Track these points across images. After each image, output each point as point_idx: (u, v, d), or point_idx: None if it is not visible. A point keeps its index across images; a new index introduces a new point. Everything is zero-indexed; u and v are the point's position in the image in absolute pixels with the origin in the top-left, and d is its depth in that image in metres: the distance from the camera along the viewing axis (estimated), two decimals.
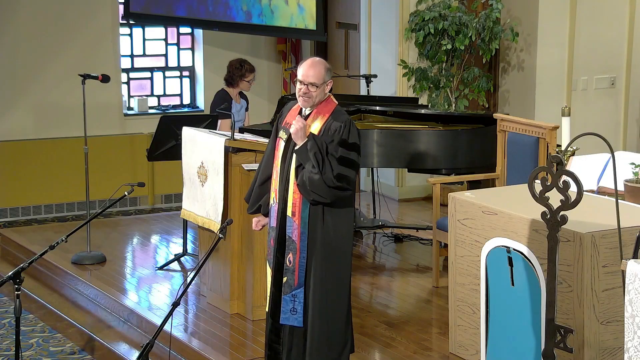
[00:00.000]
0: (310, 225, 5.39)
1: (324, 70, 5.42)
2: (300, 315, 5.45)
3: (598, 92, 10.43)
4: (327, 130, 5.36)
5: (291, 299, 5.46)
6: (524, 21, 10.12)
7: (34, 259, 6.05)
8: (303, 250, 5.41)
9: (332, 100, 5.49)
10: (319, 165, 5.28)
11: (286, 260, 5.47)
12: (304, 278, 5.43)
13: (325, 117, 5.40)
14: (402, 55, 10.21)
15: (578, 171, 6.21)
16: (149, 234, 9.29)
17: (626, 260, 4.35)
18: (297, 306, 5.45)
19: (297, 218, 5.41)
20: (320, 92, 5.41)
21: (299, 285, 5.43)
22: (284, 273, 5.49)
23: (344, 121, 5.36)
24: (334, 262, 5.44)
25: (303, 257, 5.41)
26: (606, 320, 5.32)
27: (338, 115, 5.41)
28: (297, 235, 5.42)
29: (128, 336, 7.10)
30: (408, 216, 9.78)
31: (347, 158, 5.34)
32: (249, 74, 8.96)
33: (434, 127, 8.35)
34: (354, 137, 5.37)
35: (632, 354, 4.31)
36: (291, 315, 5.47)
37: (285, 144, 5.49)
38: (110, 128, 10.90)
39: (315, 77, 5.38)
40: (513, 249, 5.58)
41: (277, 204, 5.53)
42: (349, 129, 5.35)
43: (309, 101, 5.42)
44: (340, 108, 5.48)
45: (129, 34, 11.34)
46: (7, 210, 10.44)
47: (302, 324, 5.45)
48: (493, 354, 5.84)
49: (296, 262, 5.43)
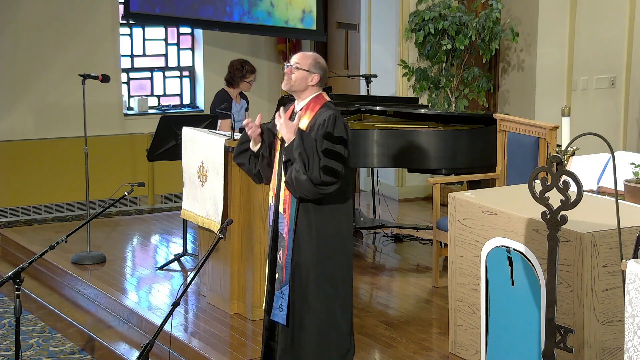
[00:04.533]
0: (298, 222, 5.37)
1: (312, 60, 5.42)
2: (285, 312, 5.43)
3: (598, 92, 10.43)
4: (314, 124, 5.36)
5: (280, 296, 5.46)
6: (524, 21, 10.12)
7: (34, 259, 6.05)
8: (290, 246, 5.40)
9: (323, 97, 5.48)
10: (305, 165, 5.26)
11: (277, 256, 5.49)
12: (290, 275, 5.41)
13: (313, 113, 5.41)
14: (402, 55, 10.21)
15: (578, 171, 6.21)
16: (149, 234, 9.29)
17: (626, 260, 4.35)
18: (283, 303, 5.44)
19: (287, 214, 5.42)
20: (300, 79, 5.40)
21: (286, 282, 5.43)
22: (276, 269, 5.50)
23: (329, 115, 5.34)
24: (326, 261, 5.41)
25: (289, 254, 5.40)
26: (606, 320, 5.32)
27: (325, 110, 5.40)
28: (286, 232, 5.42)
29: (128, 336, 7.10)
30: (408, 216, 9.78)
31: (333, 150, 5.29)
32: (249, 74, 8.96)
33: (434, 127, 8.35)
34: (339, 130, 5.33)
35: (632, 354, 4.31)
36: (279, 312, 5.46)
37: (281, 142, 5.49)
38: (110, 128, 10.91)
39: (300, 61, 5.41)
40: (513, 249, 5.58)
41: (273, 202, 5.54)
42: (335, 122, 5.32)
43: (287, 83, 5.42)
44: (330, 104, 5.47)
45: (129, 34, 11.34)
46: (7, 210, 10.44)
47: (285, 322, 5.43)
48: (493, 354, 5.84)
49: (284, 259, 5.43)
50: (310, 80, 5.43)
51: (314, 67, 5.42)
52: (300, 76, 5.41)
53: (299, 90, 5.45)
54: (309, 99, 5.46)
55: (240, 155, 5.66)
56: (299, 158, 5.26)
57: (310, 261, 5.40)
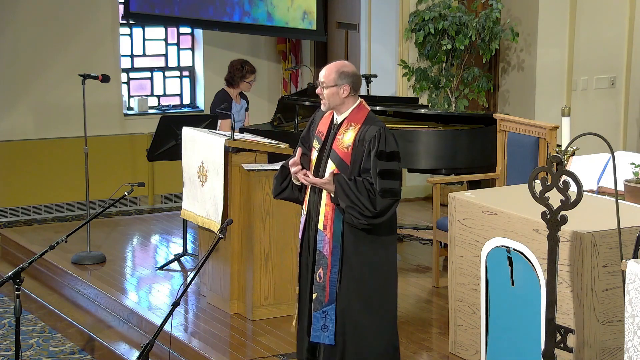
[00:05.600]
0: (345, 240, 5.22)
1: (335, 72, 5.26)
2: (332, 332, 5.26)
3: (598, 92, 10.43)
4: (362, 139, 5.21)
5: (322, 316, 5.28)
6: (524, 21, 10.12)
7: (34, 259, 6.05)
8: (334, 265, 5.23)
9: (364, 107, 5.33)
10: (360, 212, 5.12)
11: (316, 275, 5.30)
12: (335, 295, 5.25)
13: (357, 126, 5.25)
14: (402, 55, 10.21)
15: (578, 171, 6.21)
16: (149, 234, 9.29)
17: (626, 260, 4.36)
18: (328, 323, 5.27)
19: (328, 231, 5.25)
20: (332, 95, 5.26)
21: (330, 302, 5.26)
22: (314, 289, 5.32)
23: (377, 129, 5.19)
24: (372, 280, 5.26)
25: (335, 273, 5.24)
26: (606, 320, 5.32)
27: (371, 122, 5.25)
28: (329, 250, 5.24)
29: (128, 336, 7.10)
30: (408, 216, 9.78)
31: (388, 170, 5.17)
32: (249, 75, 8.96)
33: (434, 127, 8.36)
34: (390, 145, 5.20)
35: (632, 354, 4.31)
36: (322, 332, 5.29)
37: (318, 153, 5.35)
38: (110, 128, 10.91)
39: (325, 79, 5.27)
40: (513, 249, 5.58)
41: (305, 216, 5.38)
42: (385, 138, 5.18)
43: (324, 103, 5.31)
44: (373, 114, 5.32)
45: (129, 34, 11.34)
46: (7, 210, 10.44)
47: (333, 342, 5.27)
48: (493, 354, 5.84)
49: (327, 278, 5.26)
50: (342, 93, 5.27)
51: (340, 79, 5.26)
52: (330, 93, 5.27)
53: (337, 105, 5.30)
54: (350, 110, 5.31)
55: (282, 193, 5.51)
56: (351, 210, 5.13)
57: (356, 280, 5.24)
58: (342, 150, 5.27)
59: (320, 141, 5.38)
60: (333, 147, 5.31)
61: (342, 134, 5.28)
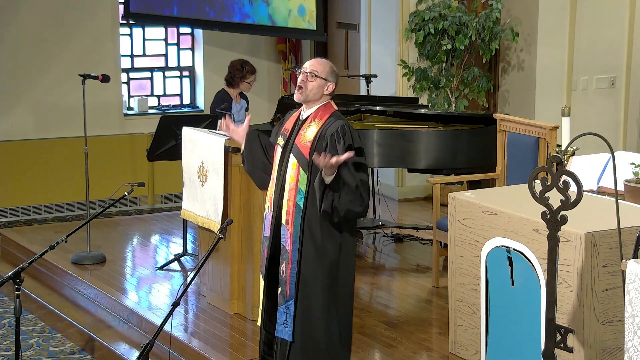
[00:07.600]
0: (304, 234, 5.18)
1: (329, 68, 5.20)
2: (291, 328, 5.25)
3: (598, 92, 10.43)
4: (323, 135, 5.15)
5: (284, 311, 5.27)
6: (524, 21, 10.12)
7: (34, 259, 6.04)
8: (295, 259, 5.21)
9: (331, 106, 5.27)
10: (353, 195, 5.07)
11: (280, 270, 5.29)
12: (294, 290, 5.22)
13: (321, 122, 5.20)
14: (402, 55, 10.21)
15: (578, 171, 6.21)
16: (149, 234, 9.29)
17: (626, 260, 4.36)
18: (288, 319, 5.26)
19: (290, 226, 5.21)
20: (317, 88, 5.17)
21: (291, 297, 5.24)
22: (278, 284, 5.31)
23: (340, 126, 5.12)
24: (331, 275, 5.22)
25: (294, 268, 5.21)
26: (606, 320, 5.32)
27: (335, 119, 5.19)
28: (290, 244, 5.22)
29: (128, 336, 7.10)
30: (408, 216, 9.78)
31: (360, 163, 5.12)
32: (249, 75, 8.96)
33: (434, 127, 8.35)
34: (357, 141, 5.15)
35: (632, 354, 4.31)
36: (284, 328, 5.28)
37: (282, 150, 5.32)
38: (110, 128, 10.91)
39: (317, 68, 5.17)
40: (513, 249, 5.58)
41: (271, 212, 5.34)
42: (350, 133, 5.13)
43: (302, 92, 5.18)
44: (338, 113, 5.25)
45: (129, 34, 11.34)
46: (7, 210, 10.45)
47: (291, 338, 5.25)
48: (493, 354, 5.84)
49: (288, 273, 5.24)
50: (326, 89, 5.20)
51: (331, 76, 5.20)
52: (317, 85, 5.17)
53: (312, 100, 5.22)
54: (318, 106, 5.24)
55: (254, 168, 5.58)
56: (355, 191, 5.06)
57: (315, 275, 5.20)
58: (303, 144, 5.21)
59: (284, 137, 5.33)
60: (295, 141, 5.25)
61: (305, 129, 5.23)
